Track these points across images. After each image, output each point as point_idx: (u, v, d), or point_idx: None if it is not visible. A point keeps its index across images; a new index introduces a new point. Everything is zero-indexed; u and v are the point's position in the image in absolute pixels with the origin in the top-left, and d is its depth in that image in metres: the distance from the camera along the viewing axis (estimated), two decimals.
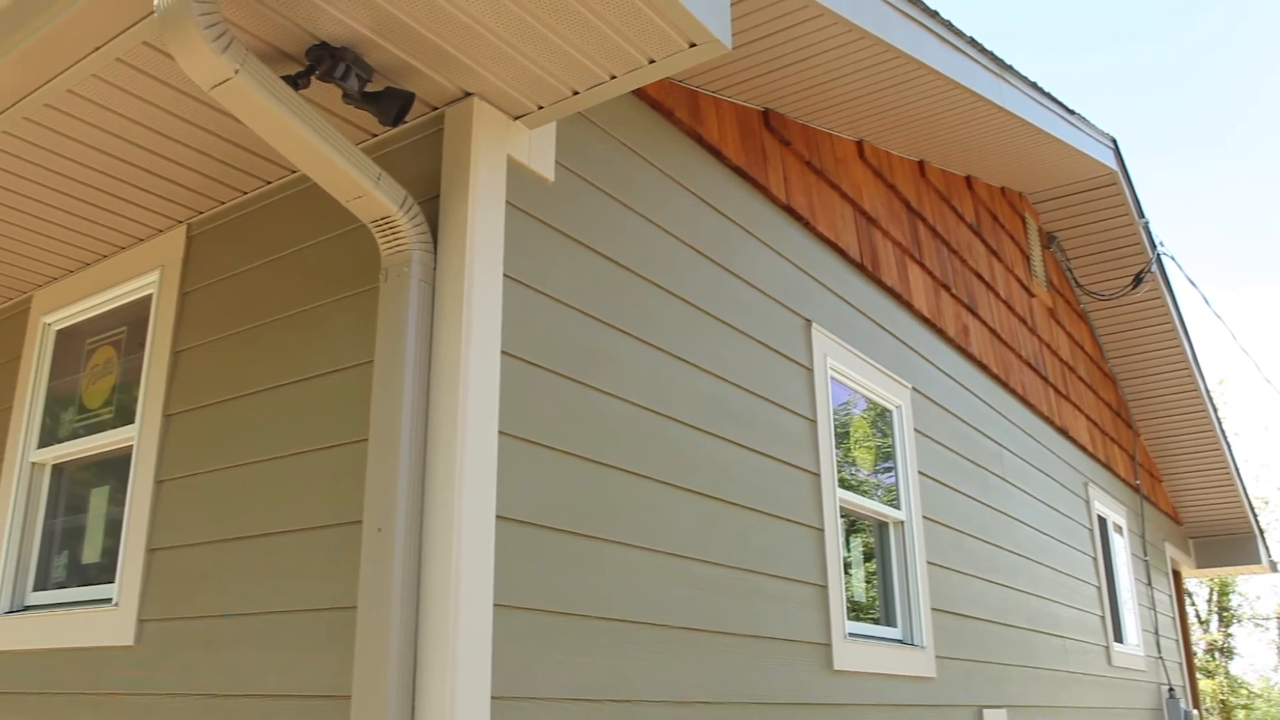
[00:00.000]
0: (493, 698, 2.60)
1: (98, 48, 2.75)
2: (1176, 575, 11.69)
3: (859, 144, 5.44)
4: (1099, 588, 7.91)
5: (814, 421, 4.40)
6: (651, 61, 2.79)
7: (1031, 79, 6.05)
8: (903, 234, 5.71)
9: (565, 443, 3.05)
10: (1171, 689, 9.06)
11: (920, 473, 5.27)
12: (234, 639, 3.02)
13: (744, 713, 3.54)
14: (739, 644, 3.60)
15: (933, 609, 5.04)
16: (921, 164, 6.22)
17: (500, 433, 2.80)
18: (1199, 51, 66.61)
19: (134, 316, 3.94)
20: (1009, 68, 5.73)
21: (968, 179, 6.98)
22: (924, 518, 5.19)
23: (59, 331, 4.27)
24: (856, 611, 4.64)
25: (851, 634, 4.35)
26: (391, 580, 2.55)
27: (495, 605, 2.67)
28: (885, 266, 5.38)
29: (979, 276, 6.75)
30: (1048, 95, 6.34)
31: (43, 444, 4.10)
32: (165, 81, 2.92)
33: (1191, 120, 64.31)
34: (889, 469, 5.12)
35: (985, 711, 5.32)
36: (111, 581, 3.60)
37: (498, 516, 2.74)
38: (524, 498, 2.86)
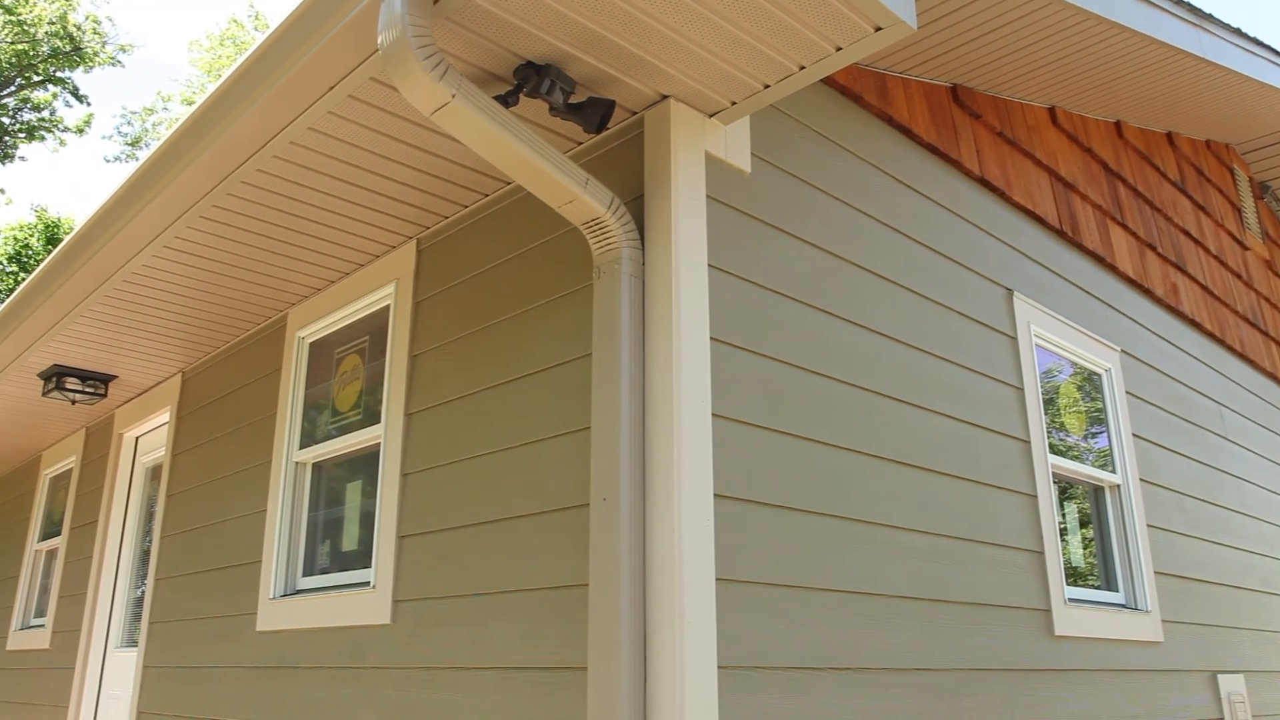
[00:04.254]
0: (719, 667, 2.69)
1: (332, 86, 3.03)
2: None
3: (1051, 110, 5.31)
4: None
5: (1021, 389, 4.36)
6: (838, 49, 2.83)
7: (1234, 25, 5.74)
8: (1102, 196, 5.54)
9: (776, 422, 3.13)
10: None
11: (1134, 435, 5.12)
12: (478, 616, 3.23)
13: (966, 678, 3.57)
14: (957, 611, 3.62)
15: (1156, 572, 4.87)
16: (1118, 124, 6.00)
17: (714, 415, 2.89)
18: None
19: (375, 326, 4.25)
20: (1208, 16, 5.46)
21: (1168, 135, 6.67)
22: (1141, 480, 5.03)
23: (311, 344, 4.65)
24: (1075, 577, 4.56)
25: (1071, 599, 4.28)
26: (619, 549, 2.67)
27: (718, 579, 2.76)
28: (1086, 230, 5.24)
29: (1186, 233, 6.45)
30: (1252, 40, 5.98)
31: (303, 445, 4.49)
32: (391, 111, 3.18)
33: None
34: (1100, 433, 5.00)
35: (1220, 677, 5.11)
36: (368, 566, 3.91)
37: (715, 495, 2.83)
38: (740, 476, 2.95)
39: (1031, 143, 5.00)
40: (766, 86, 3.03)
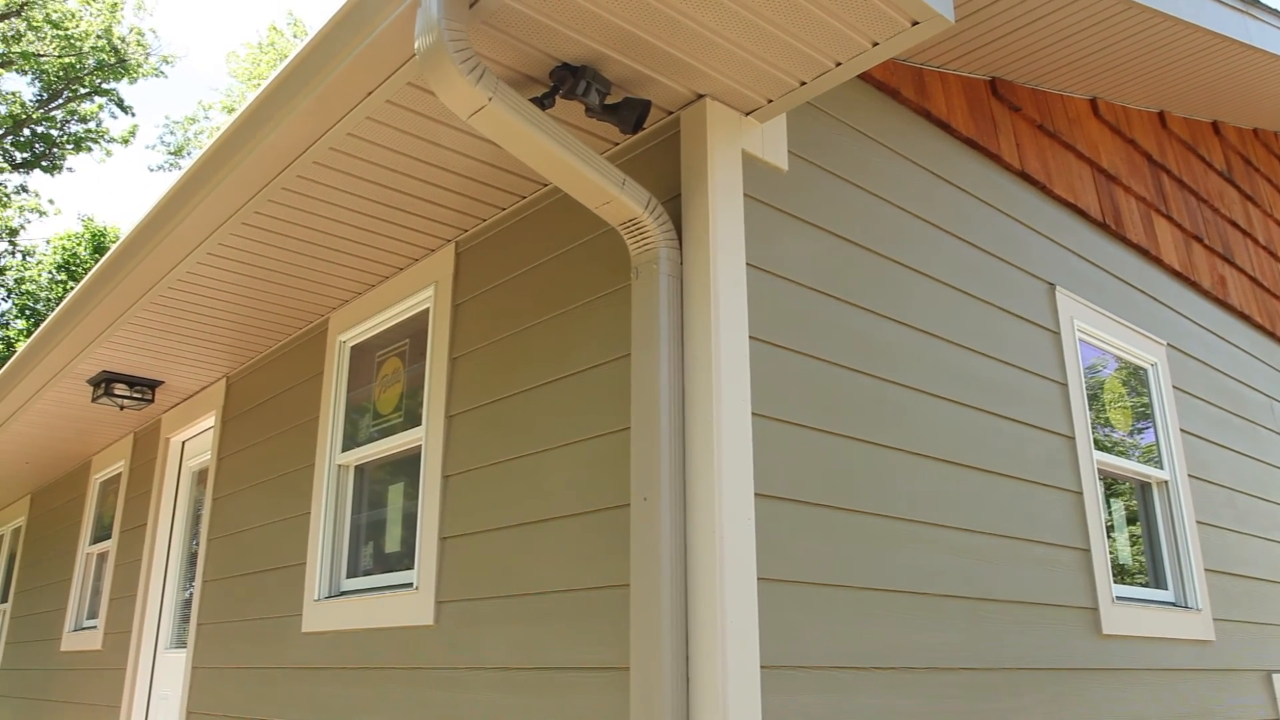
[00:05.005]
0: (762, 667, 2.68)
1: (370, 92, 3.06)
2: None
3: (1092, 101, 5.24)
4: None
5: (1065, 385, 4.30)
6: (875, 44, 2.81)
7: None
8: (1146, 188, 5.46)
9: (817, 420, 3.11)
10: None
11: (1182, 430, 5.04)
12: (521, 616, 3.25)
13: (1012, 678, 3.53)
14: (1002, 610, 3.58)
15: (1206, 570, 4.80)
16: (1162, 114, 5.91)
17: (754, 414, 2.88)
18: None
19: (415, 329, 4.28)
20: (1254, 1, 5.36)
21: (1214, 124, 6.55)
22: (1189, 476, 4.95)
23: (352, 348, 4.70)
24: (1123, 575, 4.50)
25: (1119, 597, 4.22)
26: (660, 548, 2.67)
27: (759, 579, 2.75)
28: (1129, 223, 5.17)
29: (1234, 224, 6.33)
30: None
31: (345, 448, 4.52)
32: (428, 115, 3.20)
33: None
34: (1147, 428, 4.93)
35: (1275, 676, 5.01)
36: (411, 568, 3.94)
37: (756, 494, 2.82)
38: (780, 475, 2.93)
39: (1073, 135, 4.94)
40: (803, 84, 3.01)
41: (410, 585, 3.82)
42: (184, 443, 6.56)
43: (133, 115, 26.02)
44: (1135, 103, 5.63)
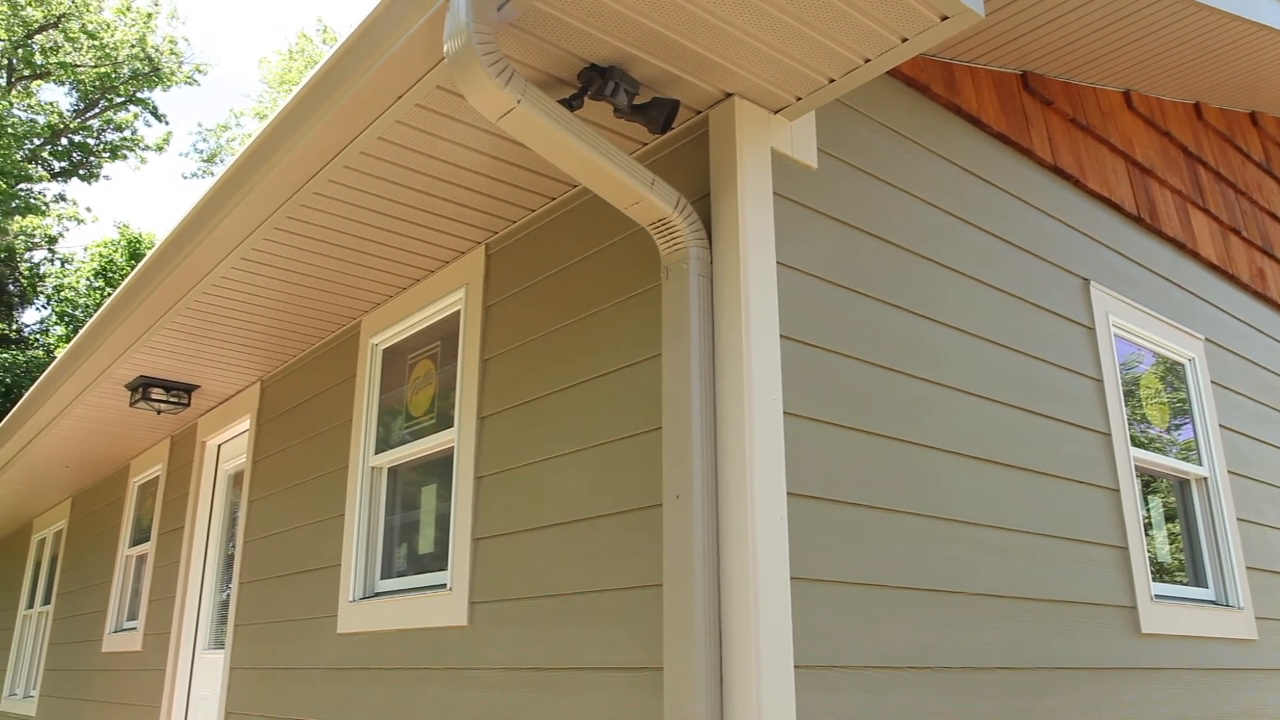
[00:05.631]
0: (796, 667, 2.67)
1: (400, 96, 3.08)
2: None
3: (1126, 94, 5.18)
4: None
5: (1100, 381, 4.25)
6: (904, 40, 2.79)
7: None
8: (1182, 181, 5.39)
9: (850, 419, 3.10)
10: None
11: (1221, 426, 4.97)
12: (554, 617, 3.25)
13: (1050, 677, 3.50)
14: (1038, 609, 3.55)
15: (1248, 567, 4.73)
16: (1197, 106, 5.83)
17: (785, 413, 2.88)
18: None
19: (446, 331, 4.30)
20: None
21: (1252, 115, 6.46)
22: (1229, 472, 4.89)
23: (384, 350, 4.73)
24: (1162, 573, 4.45)
25: (1158, 596, 4.17)
26: (693, 547, 2.67)
27: (793, 578, 2.74)
28: (1165, 217, 5.10)
29: (1273, 216, 6.24)
30: None
31: (378, 450, 4.55)
32: (458, 118, 3.21)
33: None
34: (1185, 424, 4.86)
35: None
36: (444, 569, 3.96)
37: (789, 493, 2.81)
38: (813, 474, 2.93)
39: (1106, 128, 4.89)
40: (832, 81, 3.00)
41: (444, 586, 3.84)
42: (220, 446, 6.63)
43: (166, 123, 26.41)
44: (1170, 94, 5.55)
